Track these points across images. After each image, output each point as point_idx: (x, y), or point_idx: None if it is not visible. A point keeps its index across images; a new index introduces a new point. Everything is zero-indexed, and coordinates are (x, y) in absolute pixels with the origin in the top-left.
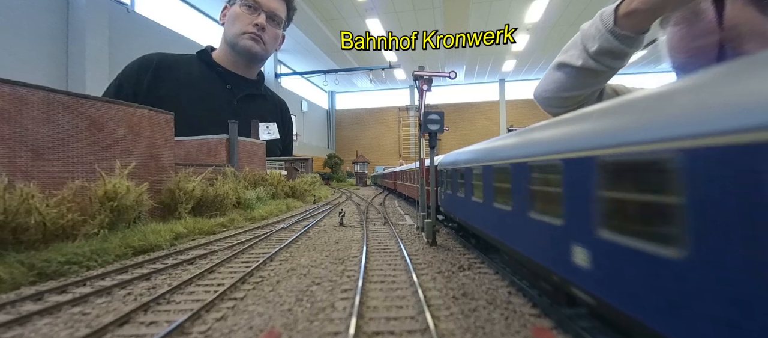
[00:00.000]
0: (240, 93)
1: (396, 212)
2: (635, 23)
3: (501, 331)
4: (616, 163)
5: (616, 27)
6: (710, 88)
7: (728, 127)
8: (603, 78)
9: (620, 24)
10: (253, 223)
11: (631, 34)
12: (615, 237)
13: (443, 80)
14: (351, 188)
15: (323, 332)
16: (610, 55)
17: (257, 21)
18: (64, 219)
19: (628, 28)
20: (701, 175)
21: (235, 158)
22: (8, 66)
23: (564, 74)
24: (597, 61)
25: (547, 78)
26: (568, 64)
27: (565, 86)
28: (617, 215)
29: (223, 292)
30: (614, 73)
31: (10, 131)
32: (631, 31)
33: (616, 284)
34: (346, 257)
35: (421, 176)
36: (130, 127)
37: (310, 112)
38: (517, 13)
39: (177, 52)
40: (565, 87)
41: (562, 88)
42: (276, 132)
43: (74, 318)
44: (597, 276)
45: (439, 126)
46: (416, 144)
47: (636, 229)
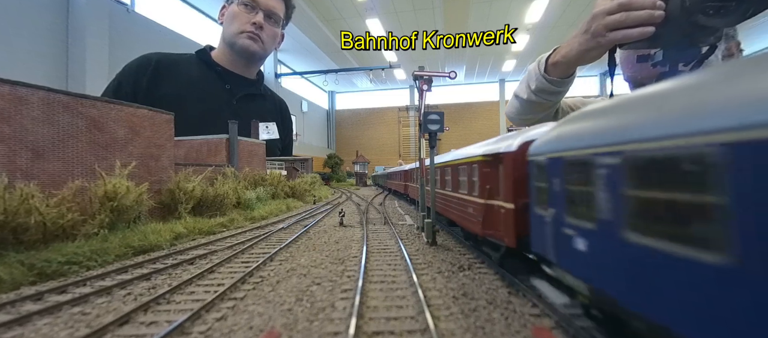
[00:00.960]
0: (239, 93)
1: (396, 212)
2: (559, 71)
3: (501, 331)
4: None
5: (546, 73)
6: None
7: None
8: (547, 106)
9: (549, 71)
10: (253, 223)
11: (557, 78)
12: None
13: (443, 80)
14: (351, 188)
15: (323, 332)
16: (546, 93)
17: (255, 19)
18: (64, 219)
19: (555, 75)
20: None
21: (235, 158)
22: (8, 66)
23: (518, 103)
24: (537, 96)
25: (510, 104)
26: (520, 97)
27: (520, 111)
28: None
29: (223, 292)
30: (555, 103)
31: (10, 131)
32: (557, 77)
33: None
34: (346, 257)
35: (421, 175)
36: (130, 127)
37: (310, 112)
38: (517, 13)
39: (177, 52)
40: (521, 113)
41: (519, 113)
42: (275, 132)
43: (74, 318)
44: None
45: (439, 126)
46: (416, 144)
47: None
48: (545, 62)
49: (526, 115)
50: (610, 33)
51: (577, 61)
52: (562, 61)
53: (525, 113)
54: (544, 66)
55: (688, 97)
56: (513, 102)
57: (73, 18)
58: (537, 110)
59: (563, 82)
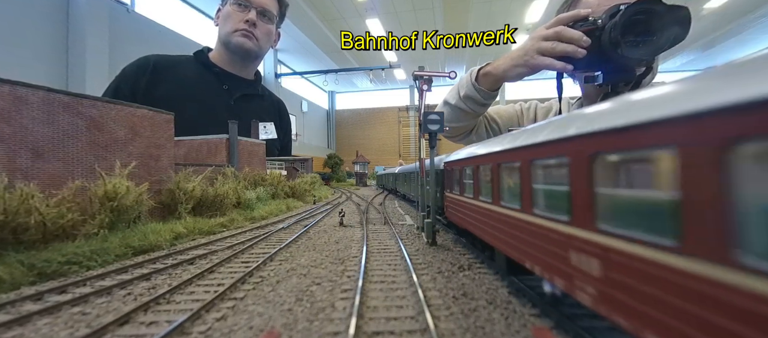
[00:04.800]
0: (237, 93)
1: (396, 212)
2: (488, 83)
3: (501, 331)
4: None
5: (476, 81)
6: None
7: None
8: (471, 116)
9: (479, 80)
10: (253, 223)
11: (485, 90)
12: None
13: (443, 80)
14: (351, 188)
15: (323, 332)
16: (472, 101)
17: (248, 17)
18: (64, 219)
19: (484, 85)
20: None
21: (235, 158)
22: (8, 66)
23: (446, 109)
24: (464, 103)
25: (439, 109)
26: (448, 102)
27: (448, 118)
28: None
29: (223, 292)
30: (478, 115)
31: (10, 130)
32: (485, 88)
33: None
34: (346, 257)
35: (421, 175)
36: (130, 127)
37: (310, 112)
38: (517, 13)
39: (177, 52)
40: (448, 119)
41: (446, 119)
42: (273, 132)
43: (74, 318)
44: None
45: (439, 126)
46: (416, 144)
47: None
48: (477, 73)
49: (452, 122)
50: (538, 56)
51: (504, 75)
52: (492, 73)
53: (451, 121)
54: (475, 75)
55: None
56: (440, 108)
57: (74, 18)
58: (461, 118)
59: (488, 95)
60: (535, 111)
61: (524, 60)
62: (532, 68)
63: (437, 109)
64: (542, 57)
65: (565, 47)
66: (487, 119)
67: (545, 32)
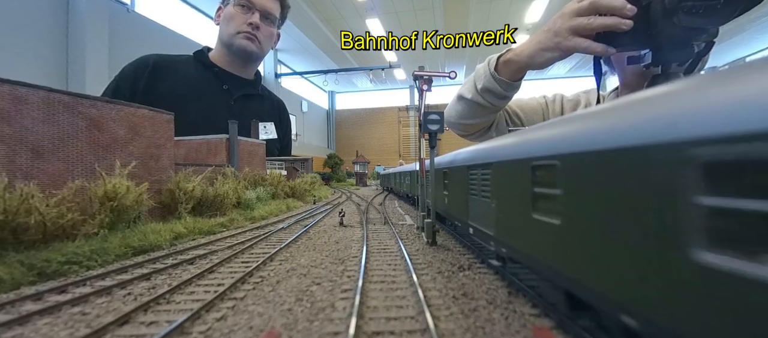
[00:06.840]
0: (237, 93)
1: (396, 212)
2: (509, 71)
3: (501, 331)
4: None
5: (495, 71)
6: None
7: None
8: (489, 111)
9: (499, 70)
10: (253, 223)
11: (506, 79)
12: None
13: (443, 80)
14: (351, 188)
15: (323, 332)
16: (492, 94)
17: (251, 20)
18: (64, 219)
19: (505, 75)
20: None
21: (235, 158)
22: (8, 66)
23: (461, 105)
24: (482, 97)
25: (450, 106)
26: (464, 97)
27: (462, 114)
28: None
29: (223, 292)
30: (498, 109)
31: (10, 130)
32: (507, 77)
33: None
34: (346, 257)
35: (421, 175)
36: (130, 127)
37: (310, 112)
38: (517, 13)
39: (177, 52)
40: (463, 116)
41: (461, 116)
42: (273, 132)
43: (74, 318)
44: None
45: (439, 126)
46: (416, 144)
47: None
48: (496, 61)
49: (466, 119)
50: (572, 37)
51: (529, 62)
52: (514, 59)
53: (467, 117)
54: (494, 64)
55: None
56: (454, 104)
57: (73, 18)
58: (479, 114)
59: (510, 86)
60: (561, 104)
61: (555, 42)
62: (565, 51)
63: (449, 105)
64: (577, 38)
65: (604, 21)
66: (508, 113)
67: (578, 6)
